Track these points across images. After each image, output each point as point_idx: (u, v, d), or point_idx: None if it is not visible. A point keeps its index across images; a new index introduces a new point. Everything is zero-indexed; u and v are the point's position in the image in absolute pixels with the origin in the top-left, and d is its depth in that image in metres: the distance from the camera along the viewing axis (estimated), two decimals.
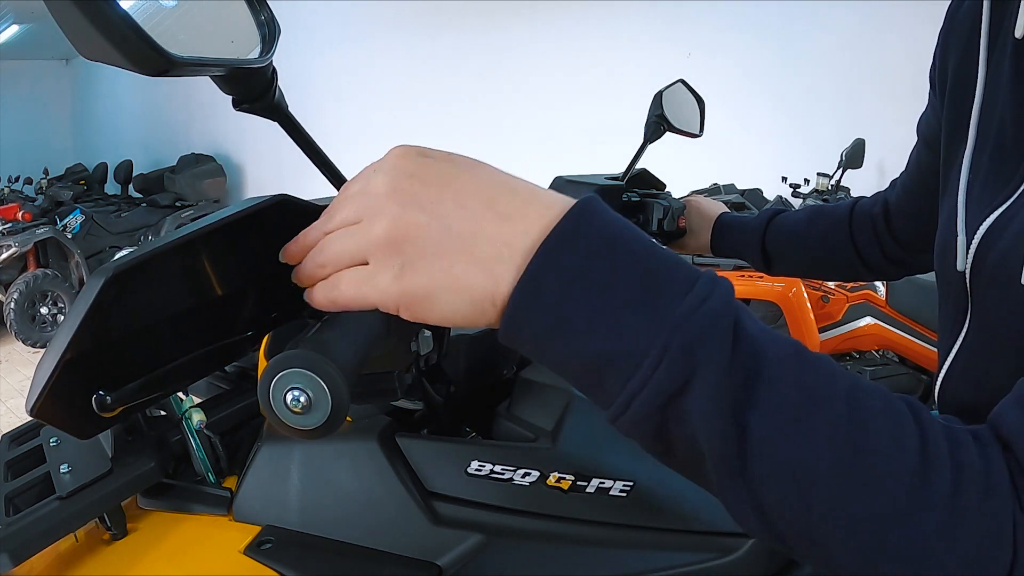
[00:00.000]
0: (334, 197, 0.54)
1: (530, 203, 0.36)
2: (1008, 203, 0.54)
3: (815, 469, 0.32)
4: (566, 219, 0.34)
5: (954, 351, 0.62)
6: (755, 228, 0.97)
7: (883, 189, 0.92)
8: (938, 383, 0.65)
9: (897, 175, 0.88)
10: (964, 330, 0.61)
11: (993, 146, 0.58)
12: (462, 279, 0.35)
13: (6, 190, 6.11)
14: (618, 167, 0.99)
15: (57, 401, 0.42)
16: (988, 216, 0.55)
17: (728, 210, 1.03)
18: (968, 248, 0.58)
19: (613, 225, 0.35)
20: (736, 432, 0.33)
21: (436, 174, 0.37)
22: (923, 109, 0.77)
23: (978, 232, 0.56)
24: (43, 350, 0.43)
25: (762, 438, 0.33)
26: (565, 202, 0.36)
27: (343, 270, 0.38)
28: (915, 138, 0.80)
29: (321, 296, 0.39)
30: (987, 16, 0.60)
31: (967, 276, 0.58)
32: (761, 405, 0.33)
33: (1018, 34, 0.56)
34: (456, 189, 0.36)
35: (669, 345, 0.32)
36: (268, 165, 5.86)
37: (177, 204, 5.95)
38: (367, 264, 0.37)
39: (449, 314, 0.36)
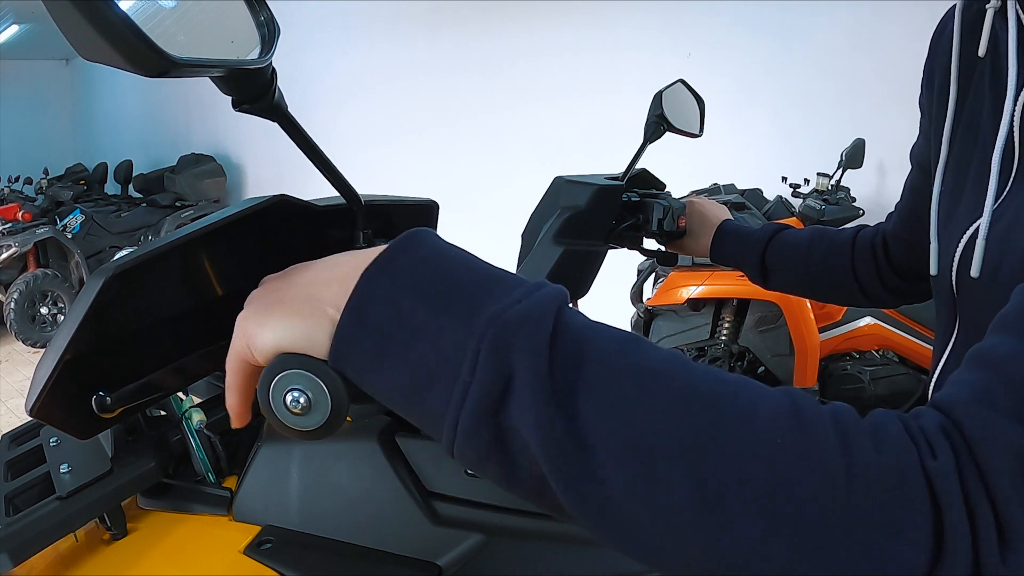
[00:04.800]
0: (333, 197, 0.54)
1: (362, 258, 0.37)
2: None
3: (664, 445, 0.30)
4: (391, 246, 0.36)
5: (946, 354, 0.65)
6: (756, 241, 0.97)
7: (882, 217, 0.93)
8: (932, 384, 0.68)
9: (897, 175, 0.89)
10: (954, 334, 0.63)
11: (978, 160, 0.60)
12: (292, 307, 0.37)
13: (6, 190, 6.10)
14: (618, 167, 0.99)
15: (57, 401, 0.42)
16: (971, 226, 0.58)
17: (732, 217, 1.03)
18: (943, 254, 0.62)
19: (438, 247, 0.36)
20: (567, 424, 0.31)
21: (275, 279, 0.41)
22: None
23: (961, 240, 0.60)
24: (43, 350, 0.43)
25: (595, 421, 0.31)
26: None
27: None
28: (914, 137, 0.81)
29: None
30: (958, 39, 0.63)
31: (953, 282, 0.61)
32: (589, 386, 0.31)
33: (981, 52, 0.59)
34: (291, 280, 0.39)
35: (484, 340, 0.32)
36: (268, 165, 5.86)
37: (177, 204, 5.94)
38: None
39: (281, 336, 0.37)
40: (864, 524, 0.29)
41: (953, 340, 0.64)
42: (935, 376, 0.67)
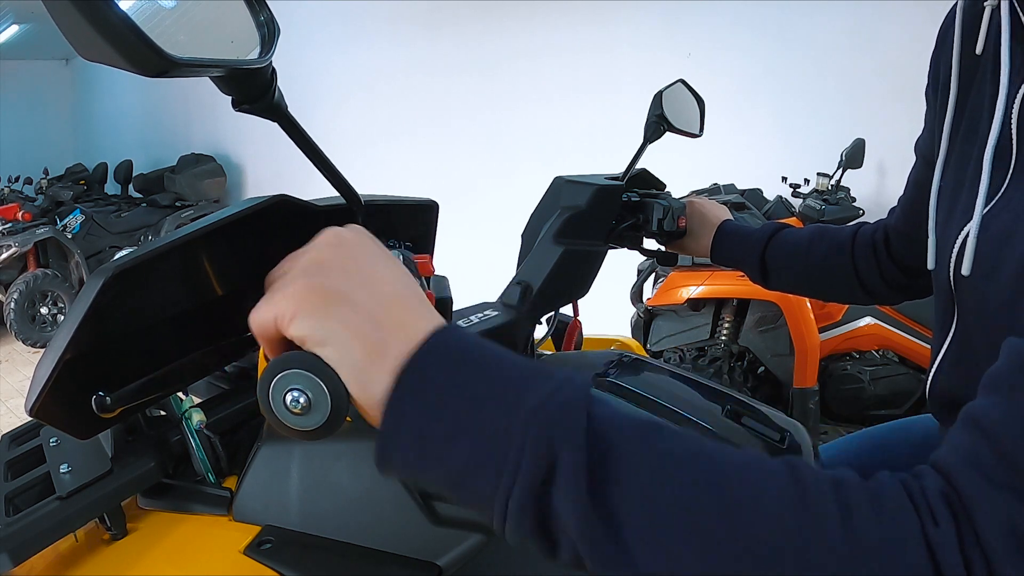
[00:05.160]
0: (333, 197, 0.54)
1: (407, 321, 0.38)
2: (987, 209, 0.57)
3: (681, 528, 0.33)
4: (420, 351, 0.37)
5: (944, 348, 0.65)
6: (756, 240, 0.97)
7: (881, 213, 0.93)
8: (929, 378, 0.69)
9: (897, 175, 0.89)
10: (952, 328, 0.64)
11: (977, 158, 0.60)
12: (355, 328, 0.37)
13: (6, 190, 6.10)
14: (618, 167, 0.99)
15: (56, 401, 0.42)
16: (969, 222, 0.58)
17: (732, 217, 1.03)
18: (941, 249, 0.63)
19: (466, 346, 0.38)
20: (600, 511, 0.34)
21: (332, 256, 0.40)
22: (923, 109, 0.78)
23: (959, 236, 0.60)
24: (43, 350, 0.43)
25: (624, 509, 0.34)
26: (428, 329, 0.38)
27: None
28: (915, 137, 0.81)
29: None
30: (959, 37, 0.64)
31: (951, 278, 0.62)
32: (618, 478, 0.34)
33: (977, 51, 0.61)
34: (353, 276, 0.39)
35: (528, 433, 0.34)
36: (268, 165, 5.86)
37: (177, 204, 5.94)
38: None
39: (329, 341, 0.37)
40: None
41: (951, 335, 0.64)
42: (932, 371, 0.68)
